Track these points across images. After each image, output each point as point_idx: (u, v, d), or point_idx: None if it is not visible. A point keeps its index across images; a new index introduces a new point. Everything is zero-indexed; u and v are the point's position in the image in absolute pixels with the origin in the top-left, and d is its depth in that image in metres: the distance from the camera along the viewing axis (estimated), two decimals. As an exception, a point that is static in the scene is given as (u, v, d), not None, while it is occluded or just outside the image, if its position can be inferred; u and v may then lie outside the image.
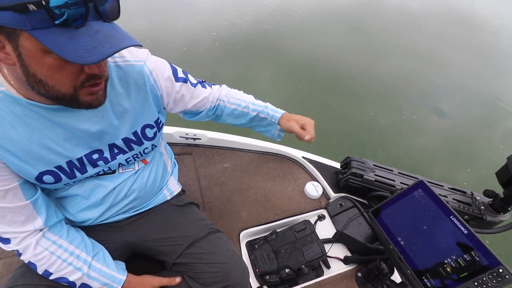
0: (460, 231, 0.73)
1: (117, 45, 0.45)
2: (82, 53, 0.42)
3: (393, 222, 0.85)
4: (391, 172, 1.15)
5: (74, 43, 0.42)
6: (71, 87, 0.49)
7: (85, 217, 0.74)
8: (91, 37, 0.43)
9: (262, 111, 0.94)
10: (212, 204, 1.16)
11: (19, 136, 0.54)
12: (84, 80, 0.49)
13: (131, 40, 0.47)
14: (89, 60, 0.42)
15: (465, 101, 3.59)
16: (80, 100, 0.51)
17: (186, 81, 0.79)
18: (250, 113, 0.93)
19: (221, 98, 0.91)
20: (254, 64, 3.67)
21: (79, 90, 0.50)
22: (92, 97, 0.53)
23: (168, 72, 0.73)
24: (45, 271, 0.64)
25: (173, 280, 0.79)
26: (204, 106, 0.87)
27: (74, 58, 0.42)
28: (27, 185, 0.60)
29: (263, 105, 0.95)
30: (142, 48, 0.71)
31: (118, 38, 0.46)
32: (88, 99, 0.52)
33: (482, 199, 1.06)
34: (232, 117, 0.94)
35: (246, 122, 0.96)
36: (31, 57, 0.43)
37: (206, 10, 5.02)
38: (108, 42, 0.44)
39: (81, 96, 0.51)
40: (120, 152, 0.69)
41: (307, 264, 0.95)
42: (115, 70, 0.63)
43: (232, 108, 0.92)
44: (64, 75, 0.47)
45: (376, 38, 4.90)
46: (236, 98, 0.93)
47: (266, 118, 0.94)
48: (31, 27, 0.40)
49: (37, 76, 0.46)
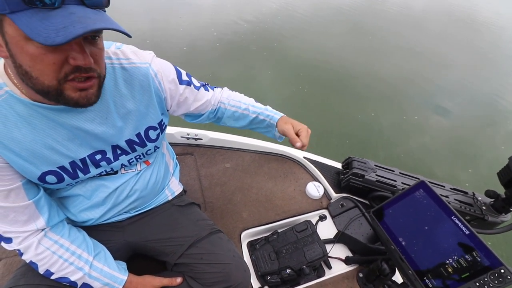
0: (461, 231, 0.73)
1: (89, 26, 0.42)
2: (51, 33, 0.40)
3: (395, 222, 0.85)
4: (393, 172, 1.15)
5: (45, 24, 0.40)
6: (54, 78, 0.47)
7: (87, 217, 0.74)
8: (64, 17, 0.41)
9: (261, 113, 0.93)
10: (213, 204, 1.16)
11: (23, 136, 0.55)
12: (68, 72, 0.47)
13: (111, 24, 0.45)
14: (57, 40, 0.40)
15: (466, 101, 3.58)
16: (66, 95, 0.49)
17: (190, 84, 0.79)
18: (250, 115, 0.93)
19: (222, 100, 0.91)
20: (255, 64, 3.68)
21: (63, 83, 0.48)
22: (80, 94, 0.50)
23: (173, 75, 0.74)
24: (47, 271, 0.64)
25: (174, 280, 0.79)
26: (206, 109, 0.87)
27: (43, 38, 0.40)
28: (30, 185, 0.60)
29: (262, 107, 0.95)
30: (148, 50, 0.71)
31: (93, 20, 0.43)
32: (75, 95, 0.50)
33: (483, 200, 1.06)
34: (232, 119, 0.94)
35: (246, 124, 0.95)
36: (15, 45, 0.43)
37: (207, 10, 5.04)
38: (80, 23, 0.42)
39: (67, 90, 0.49)
40: (123, 153, 0.69)
41: (308, 265, 0.95)
42: (120, 72, 0.63)
43: (232, 111, 0.92)
44: (46, 66, 0.45)
45: (377, 38, 4.91)
46: (237, 100, 0.93)
47: (265, 120, 0.93)
48: (9, 10, 0.39)
49: (22, 67, 0.45)
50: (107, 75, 0.61)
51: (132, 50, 0.67)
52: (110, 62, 0.62)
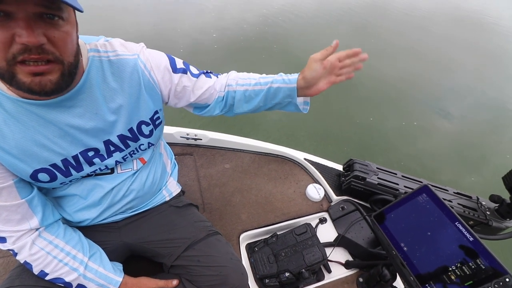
0: (465, 237, 0.71)
1: None
2: None
3: (396, 227, 0.83)
4: (395, 175, 1.13)
5: None
6: (2, 59, 0.44)
7: (82, 217, 0.73)
8: None
9: (275, 80, 0.77)
10: (212, 206, 1.15)
11: (12, 133, 0.54)
12: (16, 52, 0.44)
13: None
14: None
15: (472, 105, 3.54)
16: (18, 79, 0.46)
17: (186, 72, 0.74)
18: (262, 88, 0.78)
19: (229, 83, 0.81)
20: (253, 67, 3.65)
21: (13, 65, 0.45)
22: (33, 79, 0.47)
23: (165, 63, 0.70)
24: (41, 272, 0.63)
25: (169, 282, 0.78)
26: (211, 97, 0.80)
27: None
28: (23, 184, 0.59)
29: (274, 75, 0.80)
30: (138, 43, 0.69)
31: None
32: (27, 80, 0.46)
33: (488, 204, 1.04)
34: (244, 102, 0.80)
35: (261, 102, 0.79)
36: None
37: (206, 11, 5.00)
38: None
39: (19, 74, 0.46)
40: (117, 150, 0.68)
41: (308, 268, 0.94)
42: (108, 65, 0.61)
43: (242, 90, 0.79)
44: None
45: (382, 39, 4.88)
46: (245, 78, 0.81)
47: (280, 87, 0.76)
48: None
49: None
50: (94, 69, 0.59)
51: (121, 42, 0.66)
52: (98, 55, 0.61)
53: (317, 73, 0.71)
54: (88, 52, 0.59)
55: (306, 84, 0.74)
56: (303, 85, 0.74)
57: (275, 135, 2.53)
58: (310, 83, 0.73)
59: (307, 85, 0.74)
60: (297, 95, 0.77)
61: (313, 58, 0.72)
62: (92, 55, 0.60)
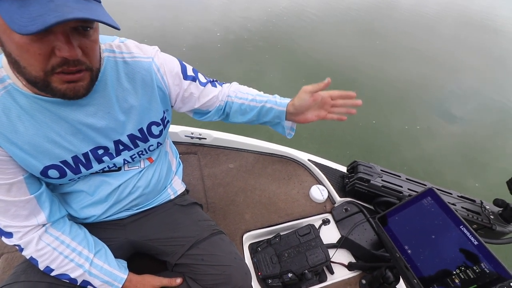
0: (469, 241, 0.71)
1: (64, 15, 0.39)
2: (26, 22, 0.38)
3: (400, 229, 0.83)
4: (399, 178, 1.13)
5: (22, 11, 0.39)
6: (40, 70, 0.45)
7: (89, 214, 0.74)
8: (41, 5, 0.39)
9: (269, 100, 0.83)
10: (215, 205, 1.15)
11: (25, 129, 0.54)
12: (55, 65, 0.46)
13: (93, 14, 0.43)
14: (30, 29, 0.38)
15: (478, 108, 3.50)
16: (53, 87, 0.48)
17: (195, 80, 0.77)
18: (257, 105, 0.84)
19: (229, 94, 0.86)
20: (257, 66, 3.63)
21: (50, 75, 0.46)
22: (68, 86, 0.49)
23: (177, 69, 0.72)
24: (47, 267, 0.64)
25: (173, 281, 0.78)
26: (213, 105, 0.84)
27: (17, 27, 0.38)
28: (32, 180, 0.60)
29: (270, 96, 0.86)
30: (152, 45, 0.70)
31: (72, 9, 0.41)
32: (62, 87, 0.48)
33: (491, 208, 1.03)
34: (239, 114, 0.86)
35: (254, 117, 0.86)
36: (3, 33, 0.42)
37: (210, 10, 4.99)
38: (56, 11, 0.39)
39: (54, 82, 0.48)
40: (126, 149, 0.68)
41: (311, 269, 0.94)
42: (123, 66, 0.62)
43: (239, 103, 0.85)
44: (32, 56, 0.44)
45: (387, 40, 4.85)
46: (244, 92, 0.87)
47: (272, 108, 0.82)
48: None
49: (12, 56, 0.44)
50: (109, 69, 0.60)
51: (136, 44, 0.66)
52: (113, 55, 0.61)
53: (306, 103, 0.76)
54: (103, 52, 0.60)
55: (294, 110, 0.79)
56: (292, 111, 0.80)
57: (278, 137, 2.52)
58: (298, 111, 0.79)
59: (295, 111, 0.79)
60: (286, 119, 0.83)
61: (304, 89, 0.77)
62: (107, 55, 0.60)
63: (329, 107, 0.79)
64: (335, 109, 0.79)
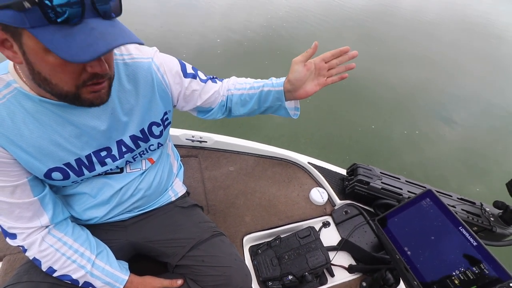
0: (469, 242, 0.71)
1: (111, 43, 0.43)
2: (76, 50, 0.41)
3: (400, 231, 0.84)
4: (398, 180, 1.14)
5: (69, 41, 0.41)
6: (73, 86, 0.49)
7: (91, 215, 0.75)
8: (86, 34, 0.42)
9: (265, 84, 0.80)
10: (216, 208, 1.16)
11: (30, 132, 0.55)
12: (86, 79, 0.49)
13: (128, 37, 0.46)
14: (83, 58, 0.41)
15: (479, 113, 3.50)
16: (82, 98, 0.51)
17: (195, 77, 0.77)
18: (255, 92, 0.81)
19: (228, 88, 0.85)
20: (256, 72, 3.62)
21: (81, 88, 0.50)
22: (94, 95, 0.53)
23: (177, 68, 0.72)
24: (49, 268, 0.64)
25: (174, 282, 0.78)
26: (215, 101, 0.83)
27: (69, 56, 0.41)
28: (36, 182, 0.61)
29: (266, 80, 0.82)
30: (151, 46, 0.71)
31: (113, 36, 0.44)
32: (90, 96, 0.52)
33: (491, 211, 1.04)
34: (240, 105, 0.83)
35: (254, 105, 0.82)
36: (34, 55, 0.44)
37: (210, 16, 5.02)
38: (102, 39, 0.43)
39: (83, 94, 0.51)
40: (128, 151, 0.69)
41: (311, 272, 0.94)
42: (123, 68, 0.64)
43: (239, 94, 0.83)
44: (66, 74, 0.47)
45: (387, 45, 4.86)
46: (242, 83, 0.84)
47: (270, 90, 0.78)
48: (30, 25, 0.40)
49: (41, 75, 0.46)
50: None
51: (135, 46, 0.67)
52: (114, 58, 0.63)
53: (300, 74, 0.72)
54: None
55: (291, 87, 0.74)
56: (289, 87, 0.75)
57: (277, 141, 2.52)
58: (296, 86, 0.74)
59: (293, 87, 0.74)
60: (286, 99, 0.78)
61: (295, 60, 0.73)
62: None
63: (326, 72, 0.74)
64: (332, 71, 0.75)
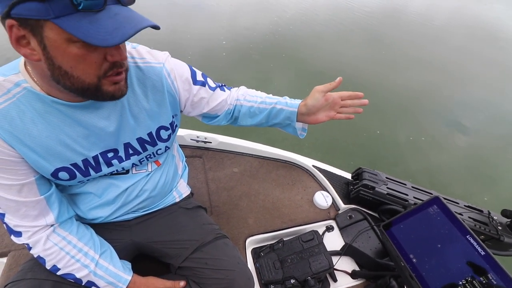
0: (476, 251, 0.70)
1: (138, 25, 0.45)
2: (104, 35, 0.42)
3: (405, 238, 0.82)
4: (404, 186, 1.12)
5: (96, 27, 0.42)
6: (95, 76, 0.49)
7: (96, 215, 0.75)
8: (112, 19, 0.44)
9: (279, 102, 0.83)
10: (219, 209, 1.15)
11: (38, 132, 0.56)
12: (107, 69, 0.50)
13: (149, 21, 0.48)
14: (113, 41, 0.43)
15: (488, 119, 3.43)
16: (104, 90, 0.52)
17: (205, 85, 0.78)
18: (267, 107, 0.84)
19: (238, 98, 0.87)
20: (262, 75, 3.61)
21: (102, 79, 0.51)
22: (115, 87, 0.53)
23: (187, 74, 0.73)
24: (53, 266, 0.65)
25: (177, 283, 0.78)
26: (222, 109, 0.84)
27: (98, 41, 0.42)
28: (43, 181, 0.61)
29: (279, 97, 0.87)
30: (163, 51, 0.72)
31: (137, 19, 0.46)
32: (111, 89, 0.53)
33: (499, 219, 1.02)
34: (249, 116, 0.86)
35: (263, 119, 0.85)
36: (56, 48, 0.44)
37: (216, 18, 5.02)
38: (128, 23, 0.45)
39: (104, 86, 0.52)
40: (135, 153, 0.70)
41: (314, 276, 0.93)
42: (135, 71, 0.64)
43: (248, 106, 0.85)
44: (88, 65, 0.48)
45: (394, 50, 4.81)
46: (253, 95, 0.87)
47: (282, 109, 0.83)
48: (54, 15, 0.40)
49: (62, 68, 0.47)
50: None
51: (147, 50, 0.68)
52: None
53: (318, 102, 0.78)
54: None
55: (306, 111, 0.80)
56: (304, 111, 0.81)
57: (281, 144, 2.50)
58: (311, 111, 0.80)
59: (307, 112, 0.80)
60: (297, 120, 0.83)
61: (317, 89, 0.79)
62: None
63: (338, 108, 0.81)
64: (344, 109, 0.82)
